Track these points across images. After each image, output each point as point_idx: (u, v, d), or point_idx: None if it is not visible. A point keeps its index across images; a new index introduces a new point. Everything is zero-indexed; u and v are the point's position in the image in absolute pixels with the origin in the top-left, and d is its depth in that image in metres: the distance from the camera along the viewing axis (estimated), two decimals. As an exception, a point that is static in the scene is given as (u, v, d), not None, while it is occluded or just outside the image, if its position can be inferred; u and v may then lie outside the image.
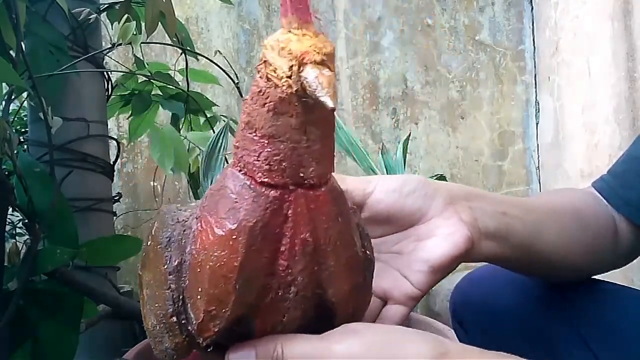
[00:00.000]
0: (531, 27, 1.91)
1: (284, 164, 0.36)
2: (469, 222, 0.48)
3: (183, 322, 0.37)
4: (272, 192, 0.36)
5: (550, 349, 0.61)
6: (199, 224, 0.37)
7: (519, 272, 0.62)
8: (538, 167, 1.89)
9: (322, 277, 0.37)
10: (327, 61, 0.33)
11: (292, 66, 0.33)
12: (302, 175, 0.36)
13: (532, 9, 1.91)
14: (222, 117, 1.19)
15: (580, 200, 0.62)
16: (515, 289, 0.65)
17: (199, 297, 0.35)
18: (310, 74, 0.32)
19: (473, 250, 0.48)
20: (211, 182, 0.87)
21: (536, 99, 1.90)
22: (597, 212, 0.61)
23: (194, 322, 0.36)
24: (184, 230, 0.38)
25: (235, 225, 0.35)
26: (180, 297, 0.37)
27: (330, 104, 0.32)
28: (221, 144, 0.87)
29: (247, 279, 0.36)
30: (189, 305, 0.37)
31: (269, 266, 0.36)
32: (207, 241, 0.35)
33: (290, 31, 0.34)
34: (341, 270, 0.38)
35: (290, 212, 0.36)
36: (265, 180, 0.35)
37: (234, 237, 0.35)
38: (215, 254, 0.35)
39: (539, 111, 1.89)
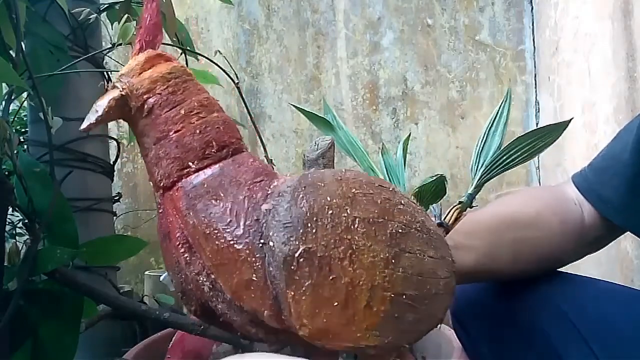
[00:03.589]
0: (531, 27, 1.91)
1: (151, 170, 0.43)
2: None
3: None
4: (158, 195, 0.43)
5: (550, 349, 0.61)
6: None
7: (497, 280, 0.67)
8: (538, 167, 1.89)
9: (209, 270, 0.42)
10: (115, 82, 0.45)
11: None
12: (157, 179, 0.43)
13: (532, 9, 1.91)
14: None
15: (550, 199, 0.66)
16: (516, 289, 0.65)
17: None
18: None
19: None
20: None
21: (536, 99, 1.90)
22: (561, 210, 0.65)
23: None
24: None
25: None
26: None
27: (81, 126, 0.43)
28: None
29: (174, 275, 0.43)
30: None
31: (176, 262, 0.43)
32: None
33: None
34: (217, 264, 0.42)
35: (166, 213, 0.43)
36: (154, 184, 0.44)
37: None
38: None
39: (539, 111, 1.88)
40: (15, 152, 0.74)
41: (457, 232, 0.56)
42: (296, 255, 0.39)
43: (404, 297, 0.41)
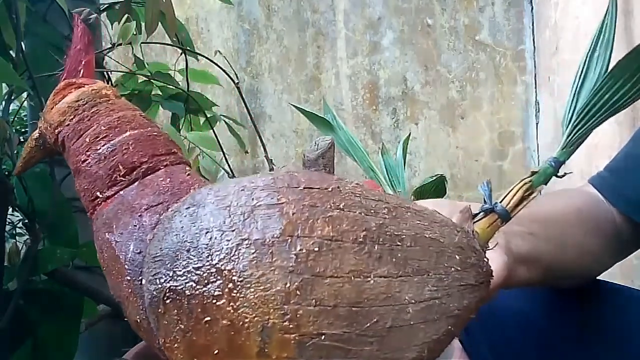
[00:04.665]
0: (531, 27, 1.91)
1: None
2: (504, 246, 0.44)
3: None
4: None
5: (551, 349, 0.61)
6: None
7: (542, 286, 0.60)
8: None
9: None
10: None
11: None
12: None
13: (532, 9, 1.91)
14: (222, 117, 1.19)
15: (581, 202, 0.61)
16: (516, 289, 0.65)
17: None
18: None
19: (509, 277, 0.44)
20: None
21: (536, 99, 1.90)
22: (599, 211, 0.61)
23: None
24: None
25: None
26: None
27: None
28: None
29: None
30: None
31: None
32: None
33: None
34: (118, 301, 0.39)
35: None
36: None
37: None
38: None
39: (539, 111, 1.88)
40: (15, 152, 0.74)
41: (533, 220, 0.48)
42: (162, 296, 0.33)
43: (322, 337, 0.31)
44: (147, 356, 0.85)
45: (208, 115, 1.15)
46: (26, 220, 0.79)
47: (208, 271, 0.32)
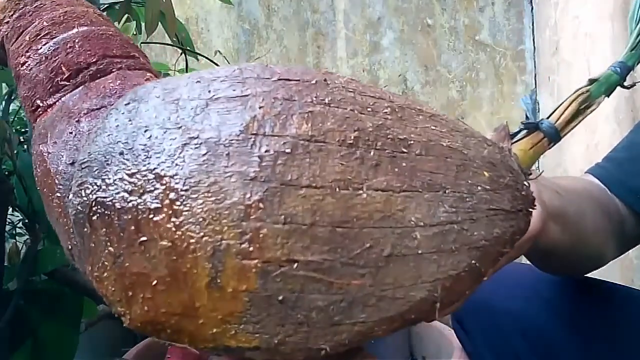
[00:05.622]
0: (531, 27, 1.91)
1: None
2: (539, 199, 0.40)
3: None
4: None
5: (550, 349, 0.61)
6: None
7: (550, 269, 0.56)
8: (538, 167, 1.89)
9: None
10: None
11: None
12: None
13: (532, 9, 1.91)
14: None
15: (589, 184, 0.60)
16: (515, 288, 0.65)
17: None
18: None
19: (543, 232, 0.41)
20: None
21: (536, 99, 1.90)
22: (606, 196, 0.59)
23: None
24: None
25: None
26: None
27: None
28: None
29: None
30: None
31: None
32: None
33: None
34: (52, 228, 0.33)
35: None
36: None
37: None
38: None
39: (539, 111, 1.88)
40: (15, 152, 0.74)
41: (557, 184, 0.43)
42: (87, 211, 0.25)
43: (295, 266, 0.23)
44: (147, 356, 0.85)
45: (208, 115, 1.15)
46: (26, 220, 0.79)
47: (144, 178, 0.24)
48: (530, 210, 0.28)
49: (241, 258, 0.23)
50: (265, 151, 0.23)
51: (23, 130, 1.29)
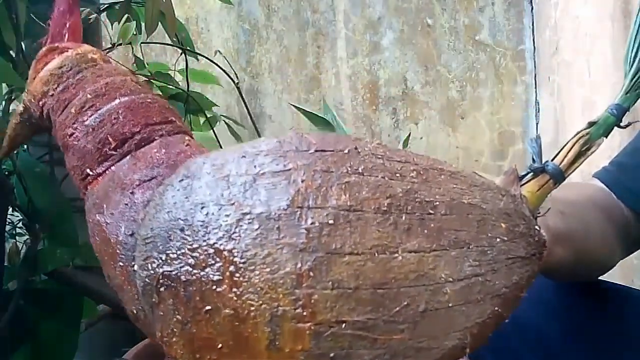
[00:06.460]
0: (531, 27, 1.91)
1: None
2: (544, 225, 0.41)
3: None
4: None
5: (550, 349, 0.61)
6: None
7: (555, 280, 0.58)
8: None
9: None
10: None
11: None
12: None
13: (532, 9, 1.91)
14: (222, 117, 1.19)
15: (593, 191, 0.61)
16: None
17: None
18: None
19: (549, 256, 0.40)
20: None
21: (536, 99, 1.90)
22: (611, 201, 0.60)
23: None
24: None
25: None
26: None
27: None
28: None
29: None
30: None
31: None
32: None
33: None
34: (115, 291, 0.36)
35: None
36: None
37: None
38: None
39: (539, 111, 1.88)
40: (15, 152, 0.74)
41: (559, 201, 0.44)
42: (155, 283, 0.28)
43: (343, 326, 0.26)
44: (147, 356, 0.85)
45: (208, 116, 1.15)
46: (26, 220, 0.79)
47: (205, 252, 0.27)
48: (543, 253, 0.31)
49: (296, 322, 0.26)
50: (311, 223, 0.26)
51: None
